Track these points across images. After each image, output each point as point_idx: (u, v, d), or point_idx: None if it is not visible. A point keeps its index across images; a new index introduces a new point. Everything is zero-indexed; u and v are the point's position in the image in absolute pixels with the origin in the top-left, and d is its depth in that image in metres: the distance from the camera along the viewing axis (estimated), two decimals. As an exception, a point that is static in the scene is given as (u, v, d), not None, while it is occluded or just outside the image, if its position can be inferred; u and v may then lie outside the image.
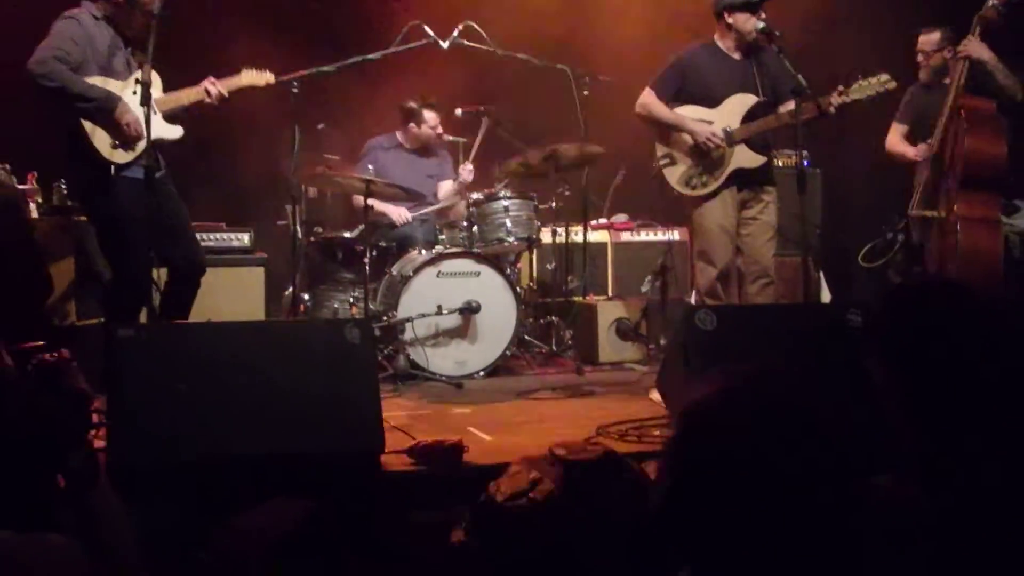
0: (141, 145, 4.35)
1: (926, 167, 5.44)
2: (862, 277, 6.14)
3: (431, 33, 5.37)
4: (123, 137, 4.34)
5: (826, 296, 6.38)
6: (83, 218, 5.04)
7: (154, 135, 4.30)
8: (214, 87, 4.58)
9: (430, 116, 5.98)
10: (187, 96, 4.59)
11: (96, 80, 4.33)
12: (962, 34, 5.33)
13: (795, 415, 1.21)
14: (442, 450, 3.15)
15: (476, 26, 5.45)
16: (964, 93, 5.27)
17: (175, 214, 4.58)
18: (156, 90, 4.45)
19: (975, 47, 5.22)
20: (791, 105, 4.62)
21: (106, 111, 4.29)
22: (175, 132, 4.57)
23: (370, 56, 5.36)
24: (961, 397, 1.43)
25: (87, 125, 4.30)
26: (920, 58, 5.62)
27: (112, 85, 4.37)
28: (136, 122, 4.30)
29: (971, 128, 5.21)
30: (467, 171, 6.02)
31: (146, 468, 2.81)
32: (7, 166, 4.95)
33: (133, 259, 4.42)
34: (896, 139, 5.75)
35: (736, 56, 4.88)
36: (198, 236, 5.61)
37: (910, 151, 5.64)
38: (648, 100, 4.92)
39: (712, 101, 4.85)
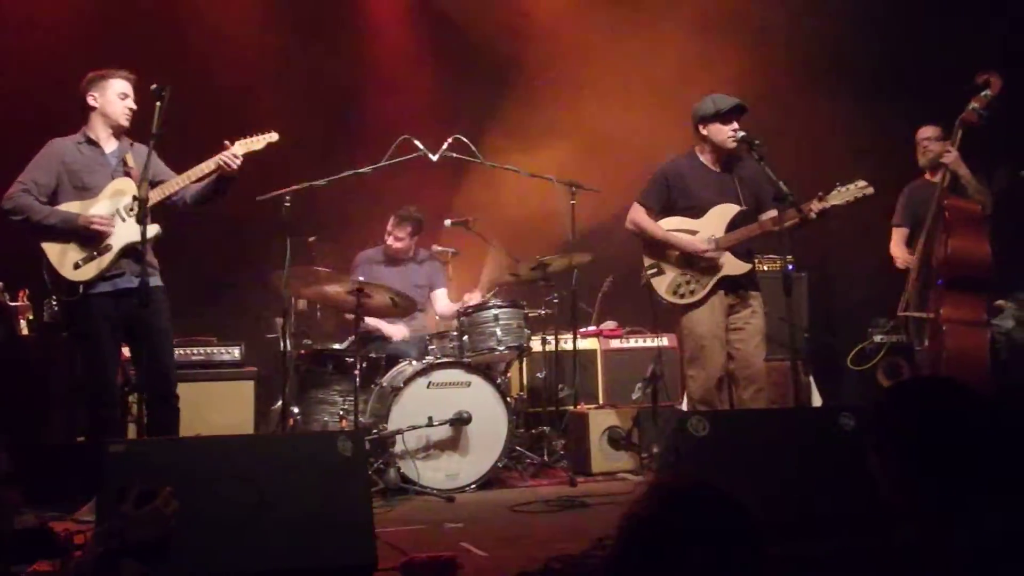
0: (105, 260, 4.49)
1: (916, 268, 5.48)
2: (851, 380, 6.16)
3: (420, 146, 5.49)
4: (91, 241, 4.46)
5: (817, 400, 6.38)
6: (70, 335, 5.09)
7: (126, 240, 4.46)
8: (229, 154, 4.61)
9: (393, 227, 6.06)
10: (184, 178, 4.62)
11: (72, 204, 4.51)
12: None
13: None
14: (436, 566, 3.10)
15: (464, 139, 5.58)
16: (948, 195, 5.35)
17: (152, 331, 4.56)
18: (132, 190, 4.53)
19: (952, 159, 5.36)
20: (773, 212, 4.73)
21: (68, 231, 4.46)
22: (149, 232, 4.50)
23: (361, 170, 5.46)
24: (959, 482, 1.53)
25: (48, 248, 4.46)
26: (919, 150, 5.72)
27: (81, 204, 4.52)
28: (99, 219, 4.45)
29: (955, 229, 5.25)
30: (474, 299, 5.95)
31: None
32: (0, 283, 5.01)
33: (99, 375, 4.53)
34: (896, 243, 5.76)
35: (715, 167, 4.99)
36: (189, 350, 5.63)
37: (901, 259, 5.68)
38: (637, 217, 5.00)
39: (696, 211, 4.93)
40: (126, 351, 4.89)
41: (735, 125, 4.84)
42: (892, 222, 5.82)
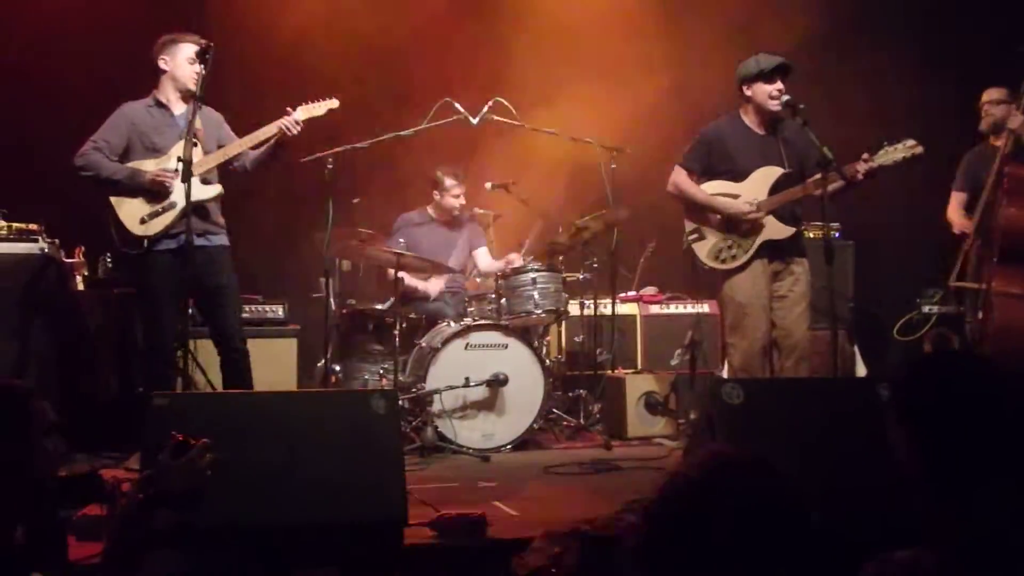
0: (169, 217, 4.62)
1: (972, 236, 5.33)
2: (898, 351, 6.06)
3: (461, 110, 5.48)
4: (157, 197, 4.61)
5: (861, 370, 6.30)
6: (123, 291, 5.28)
7: (186, 201, 4.50)
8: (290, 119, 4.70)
9: (453, 185, 6.05)
10: (246, 141, 4.74)
11: (141, 162, 4.67)
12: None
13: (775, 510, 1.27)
14: (465, 523, 3.14)
15: (505, 102, 5.55)
16: (1010, 161, 5.14)
17: (214, 288, 4.70)
18: (196, 154, 4.63)
19: (1019, 123, 5.15)
20: (818, 176, 4.64)
21: (135, 186, 4.62)
22: (210, 192, 4.70)
23: (402, 132, 5.49)
24: (973, 461, 1.51)
25: (116, 202, 4.63)
26: (983, 113, 5.55)
27: (152, 162, 4.67)
28: (160, 175, 4.60)
29: (1013, 197, 5.04)
30: (517, 260, 5.94)
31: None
32: (56, 241, 5.14)
33: (157, 330, 4.71)
34: (953, 208, 5.62)
35: (759, 130, 4.89)
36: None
37: (958, 224, 5.52)
38: (679, 179, 4.94)
39: (738, 175, 4.85)
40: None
41: (779, 85, 4.74)
42: (952, 187, 5.67)
